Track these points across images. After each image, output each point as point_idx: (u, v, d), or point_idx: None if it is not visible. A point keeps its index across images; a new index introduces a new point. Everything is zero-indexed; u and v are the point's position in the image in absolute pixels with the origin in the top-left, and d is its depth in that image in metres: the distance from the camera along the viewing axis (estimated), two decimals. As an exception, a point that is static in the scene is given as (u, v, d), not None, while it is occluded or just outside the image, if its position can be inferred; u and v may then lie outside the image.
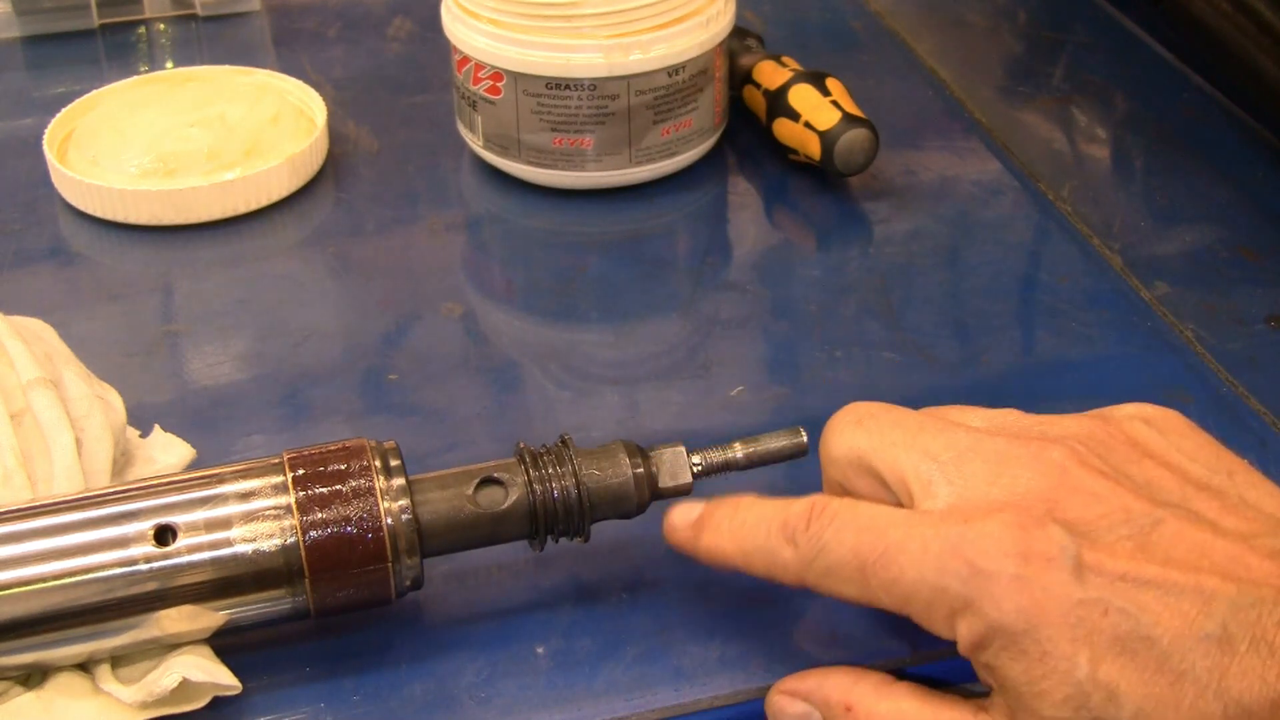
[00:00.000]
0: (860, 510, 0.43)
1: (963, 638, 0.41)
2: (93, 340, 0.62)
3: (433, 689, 0.48)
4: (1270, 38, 0.73)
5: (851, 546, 0.42)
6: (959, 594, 0.40)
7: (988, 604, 0.40)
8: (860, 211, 0.72)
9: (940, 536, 0.41)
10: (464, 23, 0.70)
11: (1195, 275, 0.67)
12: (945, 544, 0.41)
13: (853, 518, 0.43)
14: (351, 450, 0.47)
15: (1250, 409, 0.59)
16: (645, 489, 0.49)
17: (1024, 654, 0.39)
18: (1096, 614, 0.39)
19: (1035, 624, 0.39)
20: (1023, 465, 0.42)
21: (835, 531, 0.43)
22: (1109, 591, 0.39)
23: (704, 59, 0.71)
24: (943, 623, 0.41)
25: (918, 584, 0.41)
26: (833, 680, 0.45)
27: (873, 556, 0.42)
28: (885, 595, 0.42)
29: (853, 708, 0.44)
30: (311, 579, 0.45)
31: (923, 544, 0.41)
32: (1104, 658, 0.39)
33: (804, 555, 0.43)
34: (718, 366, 0.62)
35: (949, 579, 0.40)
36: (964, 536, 0.41)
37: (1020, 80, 0.85)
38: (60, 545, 0.45)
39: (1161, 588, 0.39)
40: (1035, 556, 0.40)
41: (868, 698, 0.44)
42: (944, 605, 0.41)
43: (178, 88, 0.77)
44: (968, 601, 0.40)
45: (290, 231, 0.72)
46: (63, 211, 0.72)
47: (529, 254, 0.72)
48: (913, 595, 0.41)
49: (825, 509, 0.44)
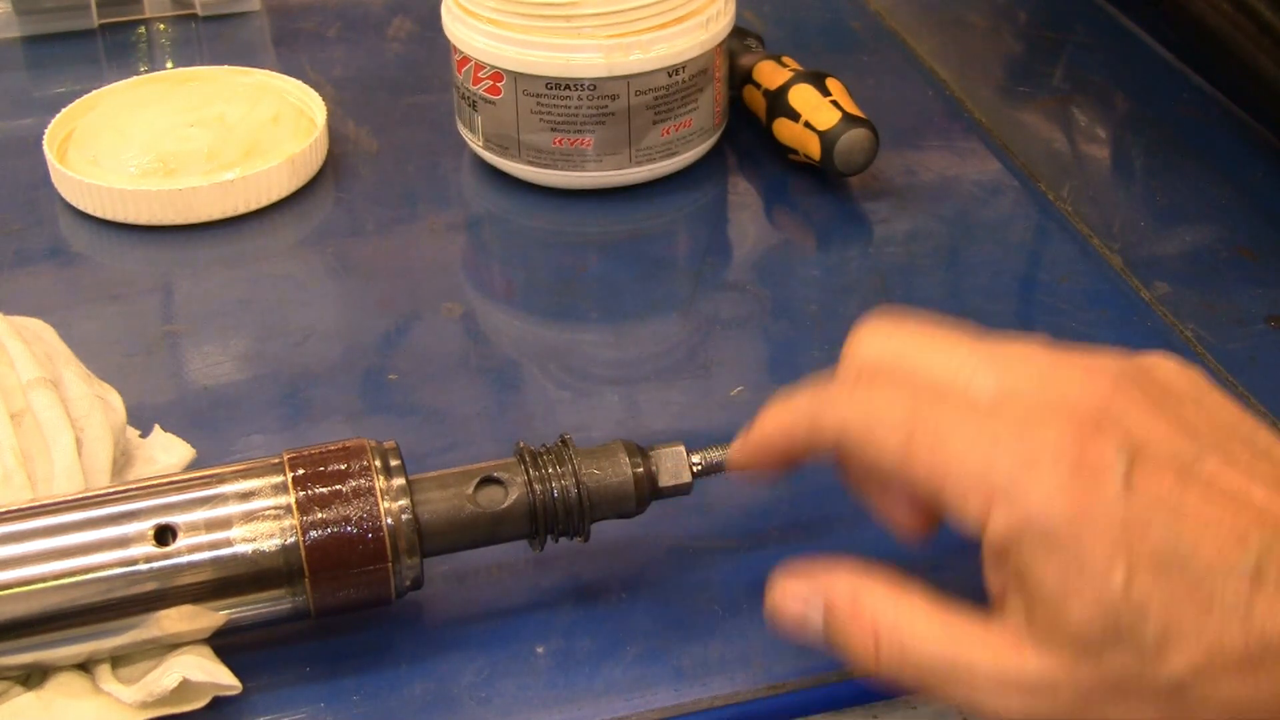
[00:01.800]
0: (919, 378, 0.42)
1: (994, 528, 0.39)
2: (93, 340, 0.62)
3: (433, 689, 0.48)
4: (1270, 38, 0.73)
5: (906, 408, 0.42)
6: (1003, 482, 0.39)
7: (1033, 497, 0.39)
8: (860, 211, 0.72)
9: (996, 424, 0.40)
10: (464, 23, 0.70)
11: (1195, 275, 0.67)
12: (1000, 432, 0.40)
13: (910, 383, 0.42)
14: (351, 450, 0.47)
15: (1250, 409, 0.59)
16: (645, 488, 0.49)
17: (1059, 555, 0.39)
18: (1139, 530, 0.38)
19: (1078, 527, 0.38)
20: (1072, 380, 0.41)
21: (893, 391, 0.42)
22: (1153, 512, 0.39)
23: (704, 59, 0.71)
24: (975, 509, 0.40)
25: (963, 464, 0.40)
26: (838, 579, 0.43)
27: (923, 427, 0.41)
28: (923, 471, 0.41)
29: (859, 613, 0.42)
30: (311, 579, 0.45)
31: (977, 427, 0.40)
32: (1139, 573, 0.38)
33: (857, 402, 0.43)
34: (718, 366, 0.62)
35: (997, 465, 0.39)
36: (1020, 430, 0.40)
37: (1020, 80, 0.85)
38: (60, 545, 0.45)
39: (1201, 519, 0.39)
40: (1088, 464, 0.39)
41: (876, 602, 0.42)
42: (983, 491, 0.40)
43: (177, 88, 0.77)
44: (1011, 492, 0.39)
45: (290, 231, 0.72)
46: (63, 211, 0.72)
47: (529, 254, 0.72)
48: (953, 475, 0.40)
49: (883, 371, 0.43)
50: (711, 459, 0.49)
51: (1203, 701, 0.38)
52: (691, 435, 0.50)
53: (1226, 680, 0.38)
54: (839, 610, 0.42)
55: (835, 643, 0.42)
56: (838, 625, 0.42)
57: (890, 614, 0.42)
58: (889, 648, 0.41)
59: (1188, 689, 0.38)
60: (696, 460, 0.49)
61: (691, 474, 0.49)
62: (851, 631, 0.42)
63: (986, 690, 0.40)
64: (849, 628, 0.42)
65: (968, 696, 0.41)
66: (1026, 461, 0.39)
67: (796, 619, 0.43)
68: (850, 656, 0.42)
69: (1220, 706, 0.38)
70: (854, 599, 0.42)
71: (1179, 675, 0.38)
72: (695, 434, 0.50)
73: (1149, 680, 0.38)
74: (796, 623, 0.43)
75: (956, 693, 0.41)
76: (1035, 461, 0.39)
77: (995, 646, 0.40)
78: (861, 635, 0.42)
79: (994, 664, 0.40)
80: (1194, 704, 0.38)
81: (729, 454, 0.48)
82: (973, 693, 0.40)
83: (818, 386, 0.44)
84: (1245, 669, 0.37)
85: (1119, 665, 0.38)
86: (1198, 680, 0.38)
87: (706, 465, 0.49)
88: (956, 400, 0.41)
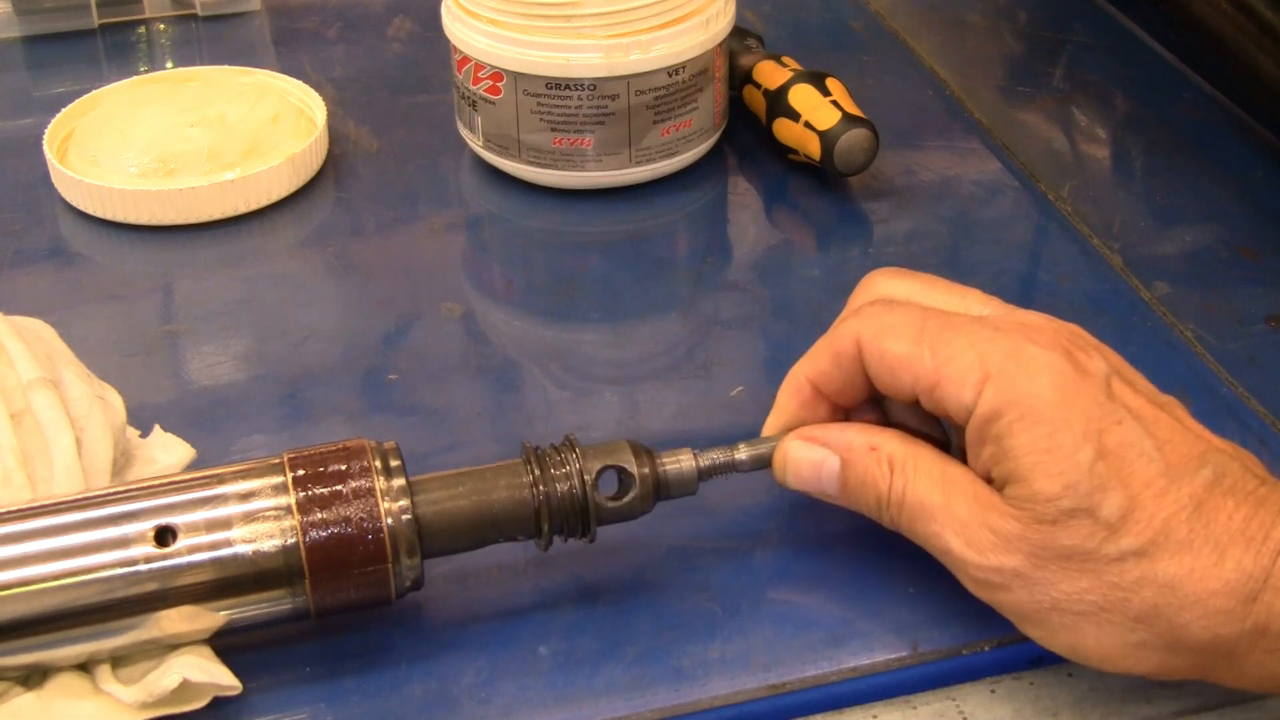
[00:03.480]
0: (926, 306, 0.48)
1: (984, 403, 0.44)
2: (93, 340, 0.62)
3: (433, 689, 0.48)
4: (1270, 38, 0.73)
5: (916, 319, 0.47)
6: (997, 369, 0.44)
7: (1023, 376, 0.44)
8: (860, 211, 0.72)
9: (995, 331, 0.46)
10: (464, 23, 0.70)
11: (1195, 275, 0.67)
12: (998, 336, 0.45)
13: (919, 307, 0.48)
14: (351, 450, 0.47)
15: (1250, 409, 0.59)
16: (650, 488, 0.48)
17: (1037, 426, 0.43)
18: (1112, 420, 0.44)
19: (1057, 409, 0.43)
20: (1044, 324, 0.47)
21: (903, 308, 0.48)
22: (1126, 415, 0.44)
23: (704, 59, 0.71)
24: (971, 389, 0.45)
25: (966, 351, 0.45)
26: (852, 430, 0.49)
27: (934, 321, 0.47)
28: (930, 354, 0.46)
29: (878, 448, 0.47)
30: (312, 580, 0.45)
31: (978, 330, 0.46)
32: (1107, 455, 0.43)
33: (869, 317, 0.48)
34: (718, 366, 0.62)
35: (993, 356, 0.45)
36: (1018, 336, 0.45)
37: (1020, 80, 0.85)
38: (60, 545, 0.45)
39: (1167, 434, 0.44)
40: (1076, 365, 0.45)
41: (890, 440, 0.48)
42: (979, 372, 0.45)
43: (178, 88, 0.77)
44: (1004, 375, 0.44)
45: (290, 231, 0.72)
46: (63, 211, 0.72)
47: (529, 254, 0.72)
48: (955, 359, 0.45)
49: (894, 302, 0.49)
50: (716, 460, 0.49)
51: (1140, 581, 0.42)
52: (692, 435, 0.50)
53: (1165, 562, 0.42)
54: (857, 450, 0.48)
55: (849, 478, 0.48)
56: (854, 460, 0.48)
57: (903, 452, 0.47)
58: (899, 478, 0.46)
59: (1131, 567, 0.42)
60: (702, 462, 0.49)
61: (697, 475, 0.49)
62: (869, 465, 0.47)
63: (956, 534, 0.45)
64: (866, 461, 0.47)
65: (939, 536, 0.45)
66: (1021, 357, 0.45)
67: (811, 468, 0.49)
68: (861, 493, 0.48)
69: (1155, 589, 0.42)
70: (872, 441, 0.48)
71: (1127, 550, 0.42)
72: (695, 434, 0.50)
73: (1099, 554, 0.43)
74: (812, 470, 0.49)
75: (934, 531, 0.46)
76: (1029, 357, 0.45)
77: (974, 498, 0.45)
78: (879, 466, 0.47)
79: (968, 512, 0.45)
80: (1132, 583, 0.42)
81: (763, 431, 0.51)
82: (945, 533, 0.45)
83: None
84: (1184, 552, 0.42)
85: (1074, 537, 0.43)
86: (1141, 559, 0.42)
87: (711, 466, 0.49)
88: (961, 318, 0.47)
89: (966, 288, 0.50)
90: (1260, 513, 0.43)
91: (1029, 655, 0.48)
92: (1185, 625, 0.42)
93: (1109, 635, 0.43)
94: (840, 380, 0.49)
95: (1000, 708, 0.47)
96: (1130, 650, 0.43)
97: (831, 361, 0.49)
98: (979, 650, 0.48)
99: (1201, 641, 0.42)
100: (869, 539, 0.51)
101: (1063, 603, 0.43)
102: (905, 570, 0.50)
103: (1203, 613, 0.42)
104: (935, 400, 0.46)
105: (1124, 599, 0.43)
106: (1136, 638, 0.43)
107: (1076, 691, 0.48)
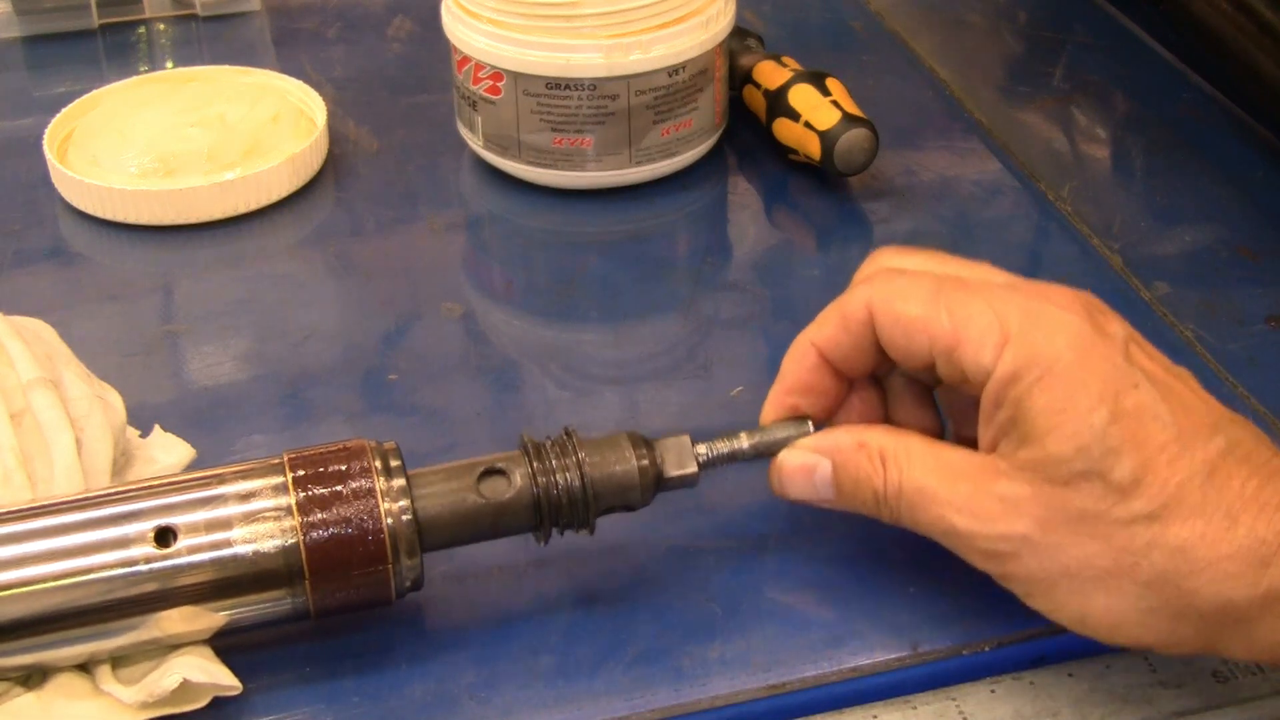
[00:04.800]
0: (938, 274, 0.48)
1: (1004, 364, 0.44)
2: (93, 340, 0.62)
3: (433, 689, 0.48)
4: (1270, 38, 0.73)
5: (931, 283, 0.46)
6: (1017, 330, 0.44)
7: (1042, 337, 0.44)
8: (860, 211, 0.72)
9: (1013, 293, 0.45)
10: (464, 23, 0.70)
11: (1195, 275, 0.67)
12: (1016, 298, 0.45)
13: (931, 273, 0.47)
14: (352, 451, 0.47)
15: (1250, 409, 0.59)
16: (650, 479, 0.48)
17: (1055, 388, 0.43)
18: (1128, 384, 0.43)
19: (1075, 370, 0.43)
20: (1062, 288, 0.46)
21: (915, 274, 0.47)
22: (1143, 379, 0.44)
23: (704, 59, 0.71)
24: (991, 350, 0.44)
25: (984, 312, 0.45)
26: (839, 432, 0.48)
27: (949, 285, 0.46)
28: (947, 316, 0.45)
29: (866, 444, 0.47)
30: (312, 580, 0.45)
31: (995, 293, 0.45)
32: (1122, 418, 0.43)
33: (880, 282, 0.47)
34: (718, 366, 0.62)
35: (1012, 318, 0.44)
36: (1036, 299, 0.45)
37: (1020, 80, 0.85)
38: (60, 546, 0.45)
39: (1182, 400, 0.44)
40: (1095, 327, 0.44)
41: (879, 435, 0.47)
42: (999, 333, 0.44)
43: (178, 88, 0.77)
44: (1023, 336, 0.44)
45: (290, 231, 0.72)
46: (63, 211, 0.72)
47: (529, 254, 0.72)
48: (974, 320, 0.45)
49: (905, 269, 0.48)
50: (718, 449, 0.49)
51: (1150, 546, 0.42)
52: (692, 435, 0.50)
53: (1177, 527, 0.42)
54: (845, 450, 0.47)
55: (843, 479, 0.47)
56: (845, 460, 0.47)
57: (892, 444, 0.47)
58: (893, 471, 0.46)
59: (1142, 531, 0.42)
60: (702, 450, 0.49)
61: (697, 464, 0.49)
62: (860, 463, 0.47)
63: (959, 511, 0.44)
64: (857, 459, 0.47)
65: (942, 519, 0.45)
66: (1041, 318, 0.44)
67: (805, 473, 0.48)
68: (856, 492, 0.47)
69: (1166, 554, 0.42)
70: (859, 439, 0.47)
71: (1138, 514, 0.42)
72: (695, 434, 0.50)
73: (1109, 517, 0.42)
74: (805, 478, 0.48)
75: (936, 514, 0.45)
76: (1049, 318, 0.44)
77: (976, 470, 0.45)
78: (870, 462, 0.47)
79: (971, 486, 0.44)
80: (1143, 547, 0.42)
81: (762, 412, 0.51)
82: (947, 513, 0.45)
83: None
84: (1196, 517, 0.42)
85: (1085, 500, 0.43)
86: (1153, 523, 0.42)
87: (712, 455, 0.49)
88: (976, 283, 0.46)
89: (976, 261, 0.49)
90: (1273, 483, 0.42)
91: (1029, 655, 0.48)
92: (1195, 590, 0.42)
93: (1118, 602, 0.43)
94: (848, 346, 0.48)
95: (1000, 708, 0.47)
96: (1139, 617, 0.43)
97: (840, 326, 0.48)
98: (979, 650, 0.48)
99: (1212, 607, 0.42)
100: (869, 539, 0.51)
101: (1072, 568, 0.43)
102: (905, 570, 0.50)
103: (1213, 577, 0.42)
104: (953, 362, 0.45)
105: (1134, 564, 0.42)
106: (1146, 604, 0.42)
107: (1077, 691, 0.48)
